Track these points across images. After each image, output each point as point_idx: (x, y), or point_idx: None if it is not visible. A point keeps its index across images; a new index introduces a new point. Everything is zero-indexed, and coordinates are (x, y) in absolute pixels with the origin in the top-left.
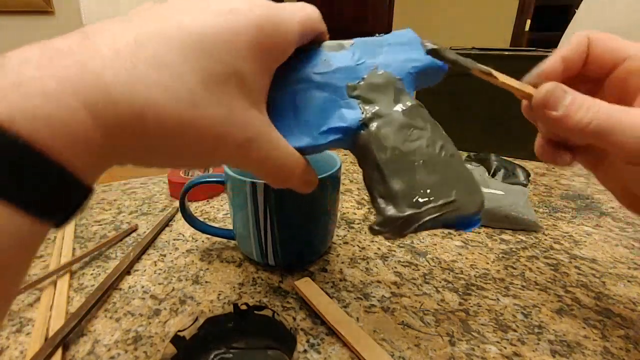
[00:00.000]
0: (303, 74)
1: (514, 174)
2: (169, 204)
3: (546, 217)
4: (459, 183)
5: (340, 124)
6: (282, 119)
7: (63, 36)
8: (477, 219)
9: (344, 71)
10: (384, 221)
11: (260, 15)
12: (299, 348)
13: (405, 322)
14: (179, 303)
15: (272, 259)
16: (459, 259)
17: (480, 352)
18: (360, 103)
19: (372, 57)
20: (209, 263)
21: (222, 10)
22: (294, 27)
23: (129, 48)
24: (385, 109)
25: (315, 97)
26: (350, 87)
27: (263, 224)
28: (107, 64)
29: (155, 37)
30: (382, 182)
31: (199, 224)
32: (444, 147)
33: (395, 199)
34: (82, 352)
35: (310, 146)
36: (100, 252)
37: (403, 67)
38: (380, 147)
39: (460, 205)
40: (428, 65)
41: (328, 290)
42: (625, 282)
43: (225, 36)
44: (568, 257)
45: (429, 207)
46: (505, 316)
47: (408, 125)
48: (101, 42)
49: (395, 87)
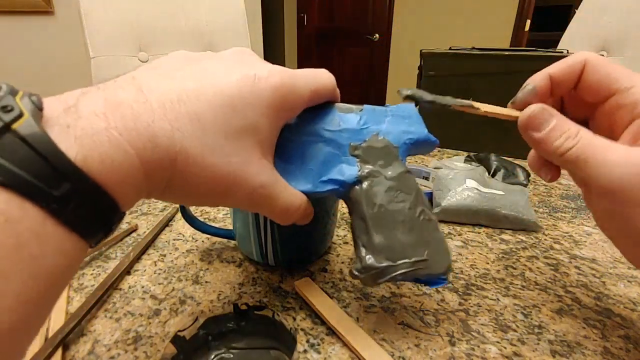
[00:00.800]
0: (314, 129)
1: (514, 174)
2: (169, 204)
3: (546, 217)
4: (432, 245)
5: (339, 176)
6: (288, 164)
7: (120, 85)
8: (443, 278)
9: (350, 132)
10: (363, 268)
11: (276, 82)
12: (299, 348)
13: (405, 322)
14: (179, 303)
15: (272, 259)
16: (459, 259)
17: (480, 352)
18: (359, 162)
19: (376, 124)
20: (209, 263)
21: (248, 75)
22: (304, 94)
23: (172, 105)
24: (379, 171)
25: (321, 150)
26: (352, 146)
27: (263, 224)
28: (156, 117)
29: (194, 96)
30: (366, 233)
31: (199, 224)
32: (424, 212)
33: (375, 251)
34: (82, 352)
35: (310, 192)
36: (100, 252)
37: (400, 137)
38: (369, 202)
39: (430, 264)
40: (422, 139)
41: (328, 290)
42: (625, 282)
43: (248, 99)
44: (568, 257)
45: (402, 262)
46: (505, 316)
47: (396, 188)
48: (152, 98)
49: (391, 153)
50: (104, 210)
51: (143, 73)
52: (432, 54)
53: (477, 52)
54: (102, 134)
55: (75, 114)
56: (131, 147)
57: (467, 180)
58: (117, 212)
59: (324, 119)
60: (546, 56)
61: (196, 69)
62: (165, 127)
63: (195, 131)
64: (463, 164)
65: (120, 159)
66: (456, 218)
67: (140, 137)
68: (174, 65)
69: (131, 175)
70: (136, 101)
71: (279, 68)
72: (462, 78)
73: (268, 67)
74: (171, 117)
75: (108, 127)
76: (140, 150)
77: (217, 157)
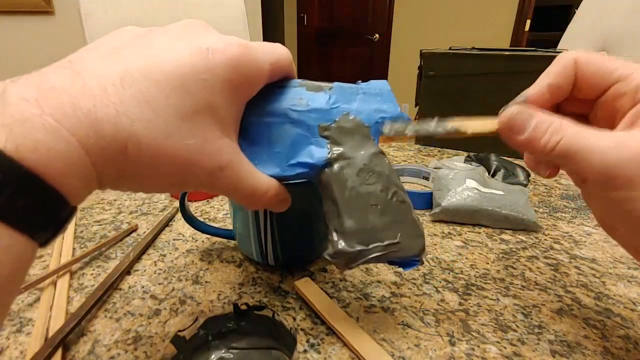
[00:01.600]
0: (280, 109)
1: (514, 174)
2: (169, 204)
3: (546, 217)
4: (404, 227)
5: (307, 159)
6: (255, 146)
7: (54, 69)
8: (416, 260)
9: (319, 112)
10: (335, 253)
11: (234, 55)
12: (299, 348)
13: (405, 322)
14: (179, 303)
15: (272, 259)
16: (459, 259)
17: (480, 352)
18: (328, 143)
19: (346, 103)
20: (209, 263)
21: (201, 48)
22: (263, 68)
23: (116, 88)
24: (350, 152)
25: (289, 132)
26: (322, 127)
27: (263, 224)
28: (97, 102)
29: (139, 76)
30: (337, 217)
31: (199, 224)
32: (396, 193)
33: (347, 235)
34: (82, 352)
35: (278, 176)
36: (100, 252)
37: (372, 116)
38: (339, 185)
39: (403, 247)
40: (394, 118)
41: (328, 290)
42: (625, 282)
43: (201, 74)
44: (568, 257)
45: (375, 246)
46: (505, 316)
47: (367, 169)
48: (91, 81)
49: (362, 133)
50: (48, 203)
51: (82, 55)
52: (432, 54)
53: (477, 52)
54: (35, 121)
55: (1, 101)
56: (72, 135)
57: (467, 180)
58: (64, 206)
59: (291, 98)
60: (546, 56)
61: (141, 46)
62: (109, 112)
63: (145, 115)
64: (463, 164)
65: (61, 149)
66: (456, 218)
67: (81, 125)
68: (117, 43)
69: (76, 166)
70: (73, 86)
71: (235, 39)
72: (462, 78)
73: (223, 39)
74: (115, 101)
75: (42, 114)
76: (83, 138)
77: (172, 141)
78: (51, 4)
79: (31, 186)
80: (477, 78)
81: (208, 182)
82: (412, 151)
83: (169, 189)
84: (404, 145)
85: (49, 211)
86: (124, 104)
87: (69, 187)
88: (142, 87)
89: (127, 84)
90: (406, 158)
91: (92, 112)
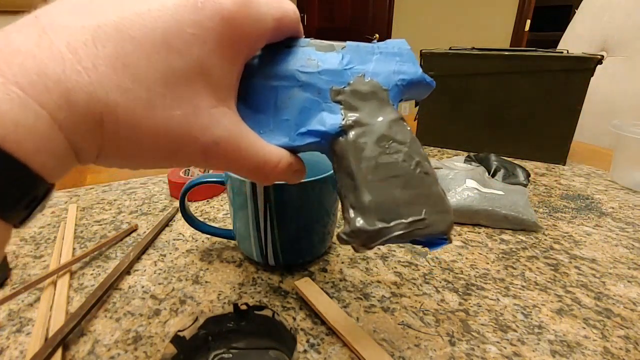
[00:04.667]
0: (288, 71)
1: (514, 174)
2: (169, 204)
3: (546, 217)
4: (430, 201)
5: (319, 127)
6: (260, 113)
7: (19, 28)
8: (444, 238)
9: (331, 74)
10: (352, 232)
11: (230, 5)
12: (299, 348)
13: (405, 322)
14: (179, 303)
15: (272, 259)
16: (459, 259)
17: (480, 352)
18: (342, 109)
19: (361, 64)
20: (209, 263)
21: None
22: (266, 23)
23: (88, 48)
24: (367, 118)
25: (298, 97)
26: (334, 90)
27: (263, 224)
28: (67, 66)
29: (115, 33)
30: (354, 192)
31: (199, 224)
32: (420, 164)
33: (366, 211)
34: (82, 352)
35: (286, 146)
36: (100, 252)
37: (391, 79)
38: (356, 156)
39: (429, 224)
40: (416, 80)
41: (328, 290)
42: (625, 282)
43: (189, 27)
44: (568, 257)
45: (397, 223)
46: (505, 316)
47: (387, 138)
48: (59, 40)
49: (380, 97)
50: (19, 182)
51: (49, 9)
52: (432, 54)
53: (477, 52)
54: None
55: None
56: (41, 107)
57: (467, 180)
58: (39, 184)
59: (299, 58)
60: (546, 56)
61: None
62: (81, 79)
63: (123, 81)
64: (463, 164)
65: (30, 122)
66: (456, 218)
67: (50, 95)
68: None
69: (48, 141)
70: (39, 46)
71: None
72: (462, 78)
73: None
74: (88, 65)
75: (5, 82)
76: (54, 111)
77: (154, 112)
78: None
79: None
80: (477, 78)
81: (204, 159)
82: None
83: (158, 166)
84: None
85: (21, 190)
86: (98, 69)
87: (42, 164)
88: (117, 46)
89: (101, 43)
90: None
91: (62, 79)
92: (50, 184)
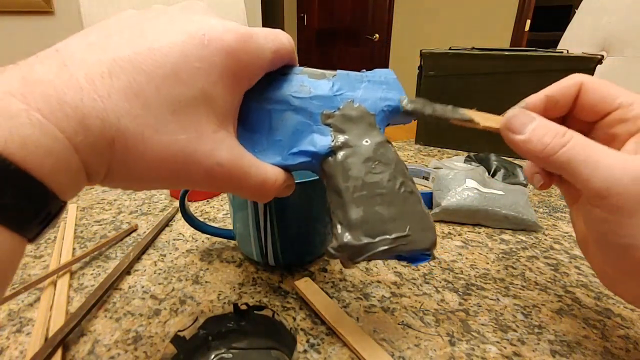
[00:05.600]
0: (282, 96)
1: (514, 174)
2: (169, 204)
3: (546, 217)
4: (414, 219)
5: (310, 148)
6: (254, 133)
7: (41, 60)
8: (427, 254)
9: (322, 99)
10: (340, 247)
11: (233, 42)
12: (299, 348)
13: (405, 322)
14: (179, 303)
15: (272, 259)
16: (459, 259)
17: (480, 352)
18: (332, 131)
19: (351, 90)
20: (209, 263)
21: (196, 34)
22: (265, 56)
23: (104, 80)
24: (355, 141)
25: (290, 119)
26: (325, 114)
27: (263, 224)
28: (84, 95)
29: (128, 67)
30: (341, 208)
31: (199, 224)
32: (404, 183)
33: (352, 227)
34: (82, 352)
35: (279, 165)
36: (100, 252)
37: (378, 105)
38: (344, 175)
39: (412, 240)
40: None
41: (328, 290)
42: None
43: (195, 62)
44: (568, 257)
45: (382, 239)
46: (505, 316)
47: (373, 159)
48: (78, 72)
49: (367, 122)
50: (36, 200)
51: (70, 43)
52: (432, 54)
53: (477, 52)
54: (22, 117)
55: None
56: (60, 132)
57: (467, 180)
58: (53, 202)
59: (292, 84)
60: (546, 56)
61: (132, 32)
62: (96, 106)
63: (134, 109)
64: (463, 164)
65: (49, 145)
66: (456, 218)
67: (69, 121)
68: (111, 30)
69: (65, 162)
70: (59, 78)
71: (234, 25)
72: (462, 78)
73: (222, 25)
74: (103, 95)
75: (28, 109)
76: (71, 135)
77: (161, 136)
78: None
79: (19, 182)
80: (477, 78)
81: (207, 181)
82: (412, 151)
83: (162, 187)
84: (404, 145)
85: (38, 207)
86: (112, 98)
87: (58, 183)
88: (130, 78)
89: (116, 76)
90: (406, 158)
91: (80, 107)
92: (63, 202)
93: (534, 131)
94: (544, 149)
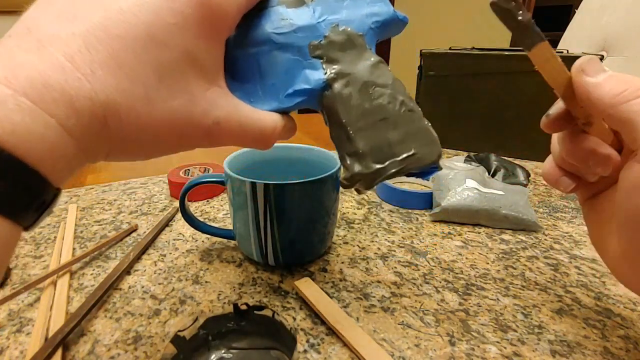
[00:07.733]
0: (263, 35)
1: (514, 174)
2: (169, 204)
3: (546, 217)
4: (418, 137)
5: (304, 85)
6: (247, 82)
7: (17, 42)
8: (435, 167)
9: (306, 30)
10: (352, 177)
11: None
12: (299, 348)
13: (405, 322)
14: (179, 303)
15: (272, 259)
16: (459, 259)
17: (480, 352)
18: (323, 62)
19: (333, 13)
20: (209, 263)
21: None
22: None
23: (82, 55)
24: (348, 68)
25: (279, 59)
26: (312, 46)
27: (263, 224)
28: (68, 76)
29: (103, 35)
30: (347, 141)
31: (199, 224)
32: (404, 103)
33: (361, 157)
34: (82, 352)
35: (277, 109)
36: (100, 252)
37: (365, 23)
38: (344, 106)
39: (419, 157)
40: (389, 19)
41: (328, 290)
42: None
43: (169, 18)
44: (568, 257)
45: (391, 162)
46: (505, 316)
47: (370, 83)
48: (56, 51)
49: (357, 44)
50: (30, 187)
51: (37, 17)
52: (432, 54)
53: (477, 52)
54: (9, 102)
55: None
56: (51, 116)
57: (467, 180)
58: (48, 189)
59: (272, 20)
60: None
61: None
62: (82, 86)
63: (121, 83)
64: (463, 164)
65: (41, 132)
66: (456, 218)
67: (57, 105)
68: None
69: (58, 147)
70: (40, 59)
71: None
72: (462, 78)
73: None
74: (86, 72)
75: (15, 94)
76: (63, 120)
77: (154, 106)
78: None
79: (12, 170)
80: (477, 78)
81: (207, 139)
82: None
83: (166, 154)
84: None
85: (32, 195)
86: (96, 74)
87: (51, 169)
88: (108, 47)
89: (93, 48)
90: None
91: (66, 89)
92: (57, 189)
93: (610, 78)
94: (616, 96)
